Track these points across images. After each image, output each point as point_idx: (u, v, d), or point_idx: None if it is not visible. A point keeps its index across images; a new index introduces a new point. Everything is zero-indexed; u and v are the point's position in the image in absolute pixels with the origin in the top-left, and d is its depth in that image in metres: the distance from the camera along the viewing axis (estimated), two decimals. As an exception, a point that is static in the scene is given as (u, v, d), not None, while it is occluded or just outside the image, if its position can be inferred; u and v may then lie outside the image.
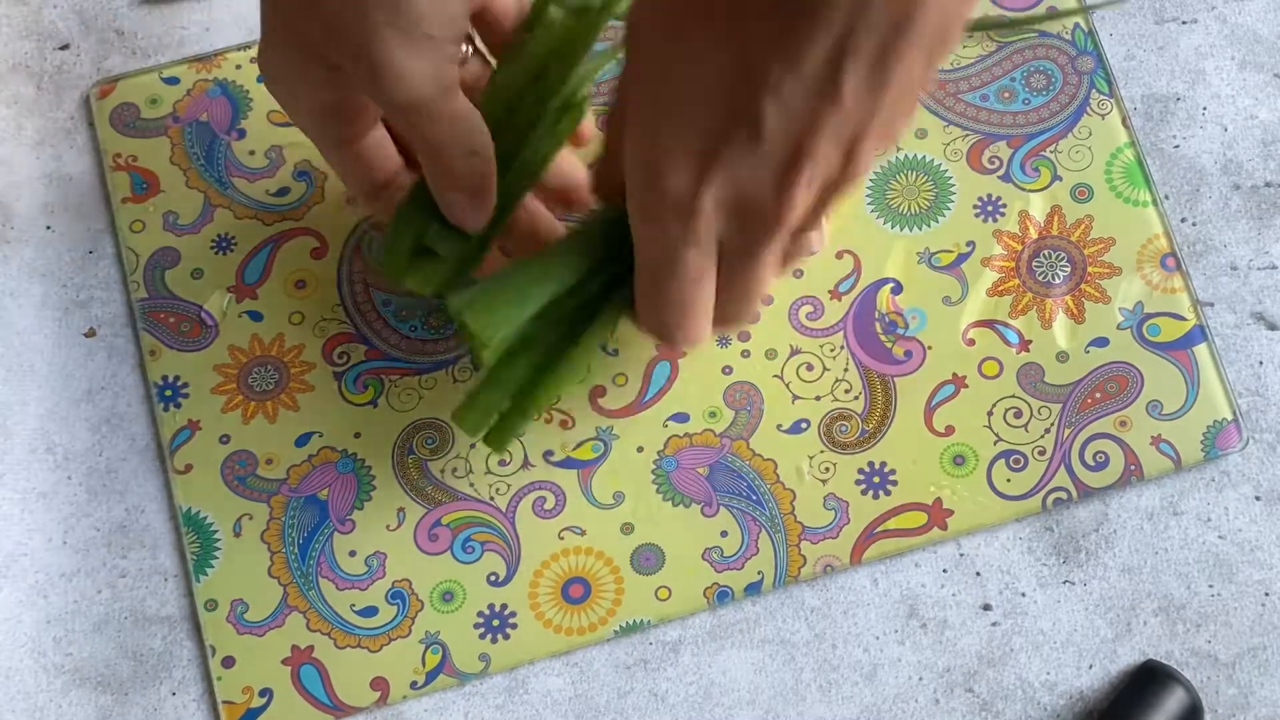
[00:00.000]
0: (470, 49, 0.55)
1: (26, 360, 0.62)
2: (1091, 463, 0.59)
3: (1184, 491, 0.60)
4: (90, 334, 0.62)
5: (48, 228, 0.63)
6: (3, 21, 0.65)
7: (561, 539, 0.59)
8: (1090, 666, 0.58)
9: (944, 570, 0.59)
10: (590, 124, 0.57)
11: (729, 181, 0.44)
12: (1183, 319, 0.60)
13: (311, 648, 0.58)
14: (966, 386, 0.60)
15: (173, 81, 0.64)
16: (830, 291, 0.61)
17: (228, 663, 0.58)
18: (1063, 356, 0.60)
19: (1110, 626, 0.59)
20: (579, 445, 0.60)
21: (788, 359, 0.60)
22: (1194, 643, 0.58)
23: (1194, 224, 0.62)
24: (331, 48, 0.49)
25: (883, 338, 0.60)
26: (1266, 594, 0.59)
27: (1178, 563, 0.59)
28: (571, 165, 0.57)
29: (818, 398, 0.60)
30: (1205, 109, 0.63)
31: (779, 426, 0.60)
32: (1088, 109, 0.63)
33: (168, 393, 0.61)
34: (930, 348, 0.60)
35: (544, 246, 0.55)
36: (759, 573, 0.59)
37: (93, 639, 0.59)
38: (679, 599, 0.59)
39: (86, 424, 0.61)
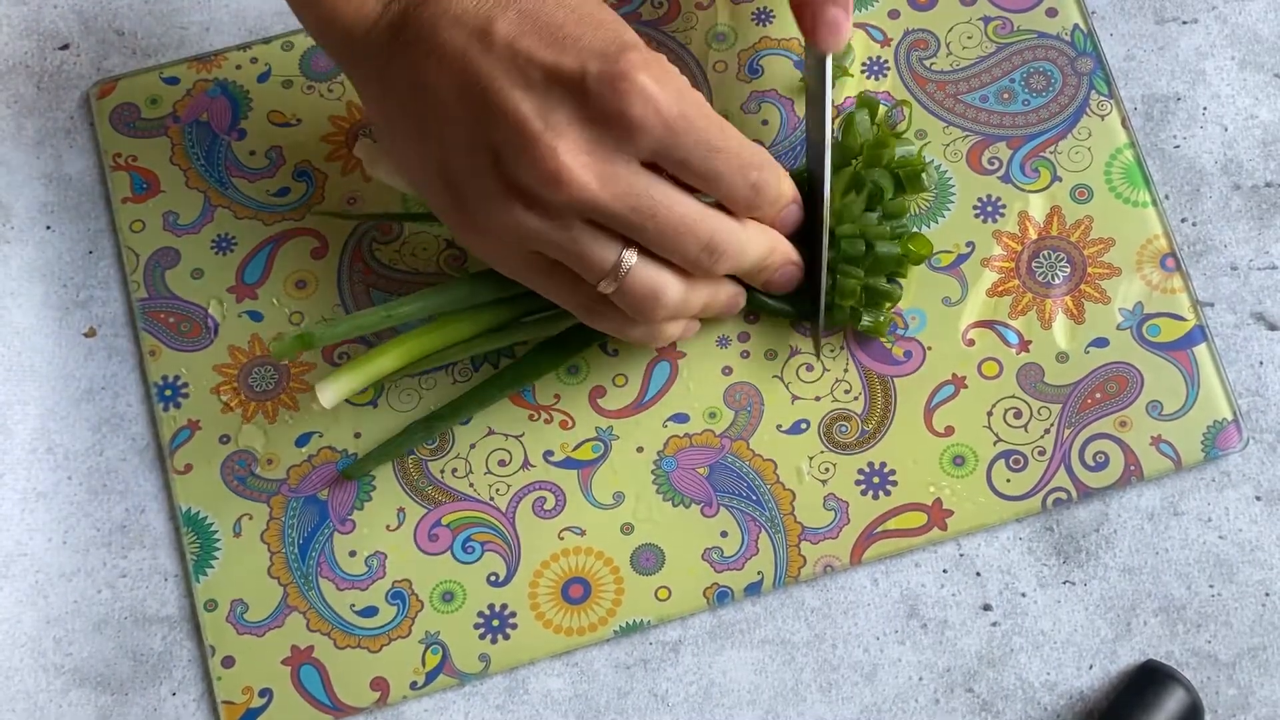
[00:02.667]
0: None
1: (26, 360, 0.62)
2: (1091, 463, 0.59)
3: (1184, 492, 0.60)
4: (90, 334, 0.62)
5: (48, 227, 0.63)
6: (3, 21, 0.65)
7: (561, 539, 0.59)
8: (1090, 667, 0.58)
9: (944, 570, 0.59)
10: None
11: None
12: (1183, 319, 0.60)
13: (311, 648, 0.58)
14: (966, 387, 0.60)
15: (173, 81, 0.64)
16: (830, 292, 0.61)
17: (227, 663, 0.58)
18: (1062, 357, 0.60)
19: (1110, 627, 0.59)
20: (579, 445, 0.60)
21: (787, 359, 0.60)
22: (1194, 643, 0.58)
23: (1194, 224, 0.62)
24: None
25: (882, 338, 0.60)
26: (1267, 594, 0.59)
27: (1178, 563, 0.59)
28: None
29: (817, 398, 0.60)
30: (1205, 109, 0.63)
31: (779, 427, 0.60)
32: (1087, 110, 0.63)
33: (167, 392, 0.61)
34: (930, 348, 0.60)
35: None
36: (759, 573, 0.59)
37: (93, 639, 0.59)
38: (679, 599, 0.59)
39: (86, 424, 0.61)
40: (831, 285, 0.59)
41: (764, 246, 0.56)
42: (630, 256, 0.53)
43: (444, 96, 0.51)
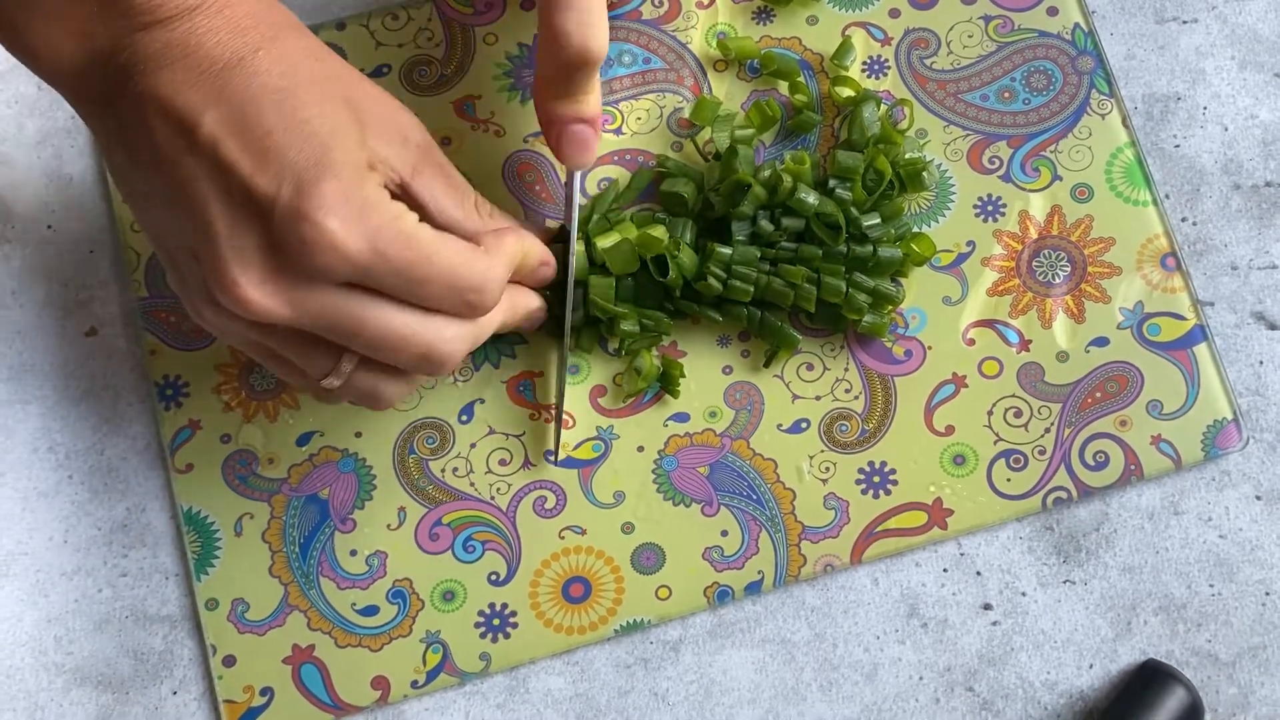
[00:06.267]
0: None
1: (28, 359, 0.62)
2: (1092, 462, 0.59)
3: (1184, 491, 0.60)
4: (91, 333, 0.62)
5: (48, 227, 0.63)
6: (4, 21, 0.65)
7: (562, 538, 0.59)
8: (1091, 666, 0.58)
9: (944, 570, 0.59)
10: None
11: None
12: (1183, 318, 0.60)
13: (312, 647, 0.58)
14: (966, 386, 0.60)
15: (174, 81, 0.64)
16: (831, 291, 0.61)
17: (229, 662, 0.58)
18: (1063, 356, 0.60)
19: (1111, 626, 0.59)
20: (579, 445, 0.60)
21: (788, 359, 0.60)
22: (1194, 642, 0.58)
23: (1194, 223, 0.62)
24: None
25: (883, 337, 0.60)
26: (1267, 593, 0.59)
27: (1178, 562, 0.59)
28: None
29: (818, 397, 0.60)
30: (1205, 109, 0.63)
31: (779, 426, 0.60)
32: (1088, 109, 0.63)
33: (169, 392, 0.61)
34: (930, 347, 0.60)
35: None
36: (759, 572, 0.59)
37: (93, 638, 0.59)
38: (679, 598, 0.59)
39: (88, 423, 0.61)
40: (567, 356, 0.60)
41: (498, 319, 0.55)
42: (348, 364, 0.52)
43: (156, 185, 0.49)
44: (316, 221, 0.47)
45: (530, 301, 0.57)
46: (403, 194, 0.51)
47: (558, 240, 0.59)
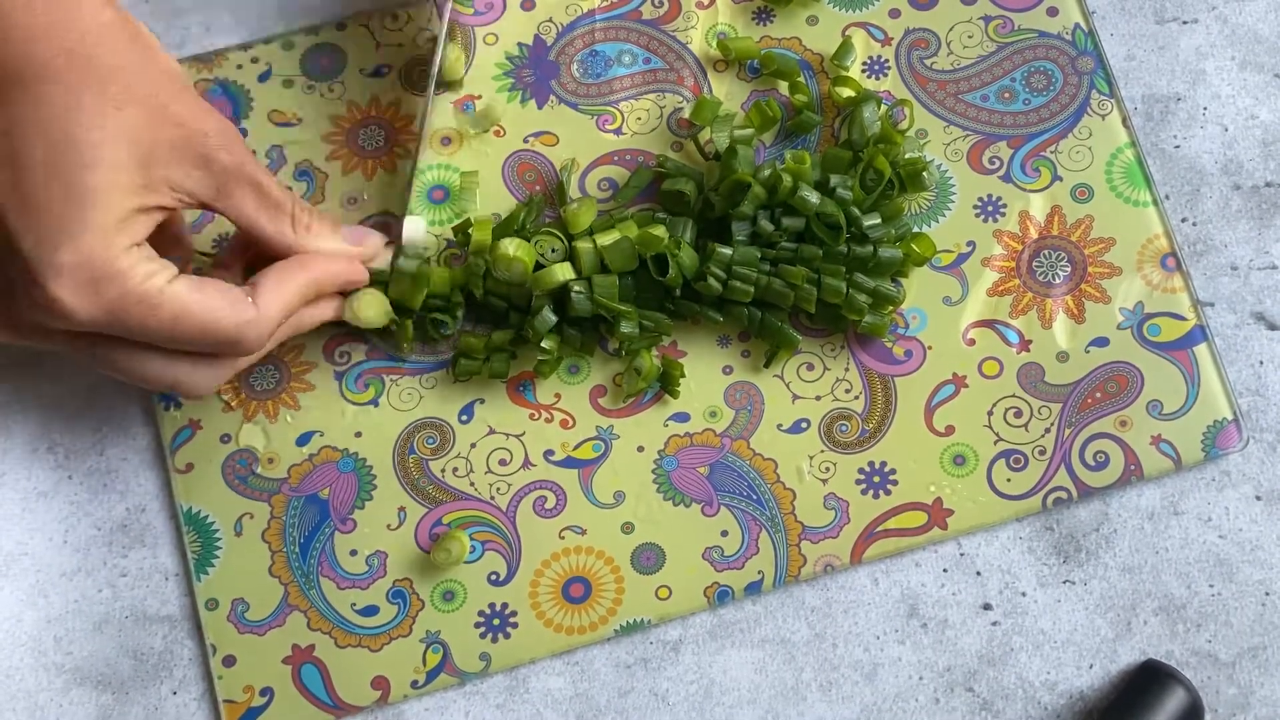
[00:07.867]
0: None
1: (26, 360, 0.62)
2: (1092, 462, 0.59)
3: (1184, 491, 0.60)
4: (91, 333, 0.62)
5: (49, 227, 0.63)
6: (4, 21, 0.65)
7: (562, 538, 0.59)
8: (1090, 666, 0.58)
9: (944, 570, 0.59)
10: None
11: None
12: (1183, 319, 0.60)
13: (312, 647, 0.58)
14: (967, 386, 0.60)
15: (174, 81, 0.64)
16: (831, 291, 0.61)
17: (228, 662, 0.58)
18: (1063, 356, 0.60)
19: (1110, 626, 0.59)
20: (579, 445, 0.60)
21: (788, 359, 0.60)
22: (1194, 642, 0.58)
23: (1194, 224, 0.62)
24: None
25: (883, 338, 0.60)
26: (1267, 594, 0.59)
27: (1178, 562, 0.59)
28: None
29: (818, 397, 0.60)
30: (1206, 109, 0.63)
31: (779, 426, 0.60)
32: (1088, 109, 0.63)
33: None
34: (930, 347, 0.60)
35: None
36: (759, 572, 0.59)
37: (93, 638, 0.59)
38: (679, 598, 0.59)
39: (87, 423, 0.61)
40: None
41: (271, 346, 0.56)
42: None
43: None
44: (46, 289, 0.49)
45: (321, 314, 0.58)
46: (211, 210, 0.53)
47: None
